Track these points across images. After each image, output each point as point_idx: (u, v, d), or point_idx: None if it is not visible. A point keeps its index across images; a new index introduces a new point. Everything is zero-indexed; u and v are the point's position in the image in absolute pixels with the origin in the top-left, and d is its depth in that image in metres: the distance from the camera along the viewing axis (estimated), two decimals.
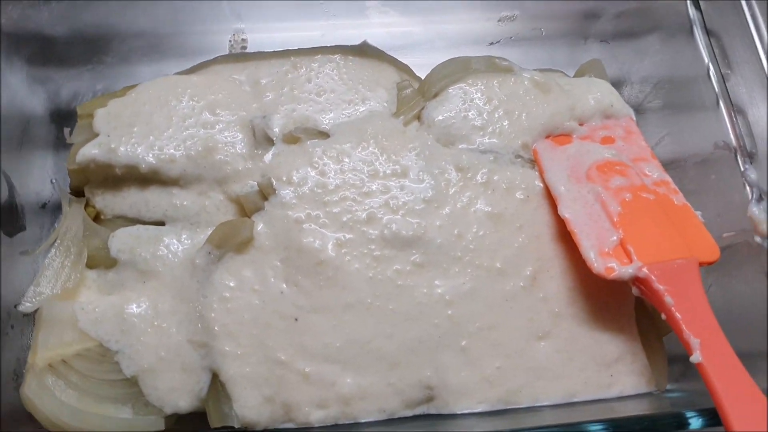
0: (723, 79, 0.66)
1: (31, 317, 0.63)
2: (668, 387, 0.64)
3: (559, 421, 0.58)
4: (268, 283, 0.63)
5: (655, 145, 0.73)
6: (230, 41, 0.76)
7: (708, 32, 0.73)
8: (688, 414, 0.55)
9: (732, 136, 0.64)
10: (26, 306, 0.62)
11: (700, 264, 0.60)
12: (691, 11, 0.69)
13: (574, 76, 0.78)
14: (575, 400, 0.62)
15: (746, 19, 0.81)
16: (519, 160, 0.70)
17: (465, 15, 0.79)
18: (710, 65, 0.66)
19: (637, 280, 0.59)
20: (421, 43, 0.79)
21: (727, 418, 0.51)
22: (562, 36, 0.80)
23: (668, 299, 0.57)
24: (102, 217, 0.70)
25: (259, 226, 0.65)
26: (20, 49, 0.67)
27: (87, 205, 0.69)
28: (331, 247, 0.64)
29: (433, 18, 0.77)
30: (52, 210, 0.70)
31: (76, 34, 0.72)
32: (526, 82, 0.72)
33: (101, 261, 0.66)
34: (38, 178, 0.70)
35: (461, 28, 0.79)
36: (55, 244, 0.66)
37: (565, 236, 0.65)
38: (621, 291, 0.64)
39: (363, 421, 0.61)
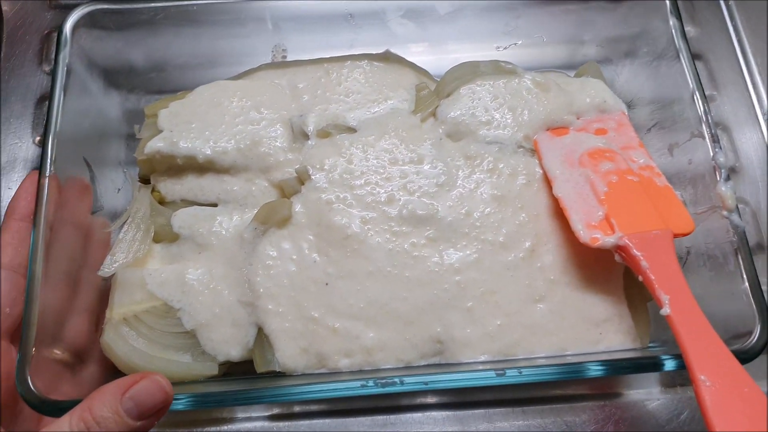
0: (705, 96, 0.73)
1: (109, 280, 0.72)
2: (649, 345, 0.71)
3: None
4: (303, 254, 0.71)
5: (645, 133, 0.80)
6: (272, 52, 0.85)
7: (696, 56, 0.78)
8: (664, 357, 0.63)
9: (705, 127, 0.71)
10: (105, 272, 0.71)
11: (677, 235, 0.67)
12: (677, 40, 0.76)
13: (575, 76, 0.85)
14: (567, 353, 0.69)
15: (734, 44, 0.89)
16: (521, 149, 0.77)
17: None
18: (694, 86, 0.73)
19: (618, 248, 0.67)
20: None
21: (688, 359, 0.58)
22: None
23: (644, 263, 0.64)
24: (166, 200, 0.77)
25: (297, 207, 0.73)
26: (98, 64, 0.77)
27: (153, 190, 0.78)
28: (356, 224, 0.72)
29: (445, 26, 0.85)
30: (124, 194, 0.79)
31: (144, 52, 0.82)
32: (528, 83, 0.79)
33: (165, 236, 0.75)
34: (113, 167, 0.79)
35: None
36: (128, 222, 0.74)
37: (560, 215, 0.72)
38: (610, 262, 0.70)
39: (383, 368, 0.68)
